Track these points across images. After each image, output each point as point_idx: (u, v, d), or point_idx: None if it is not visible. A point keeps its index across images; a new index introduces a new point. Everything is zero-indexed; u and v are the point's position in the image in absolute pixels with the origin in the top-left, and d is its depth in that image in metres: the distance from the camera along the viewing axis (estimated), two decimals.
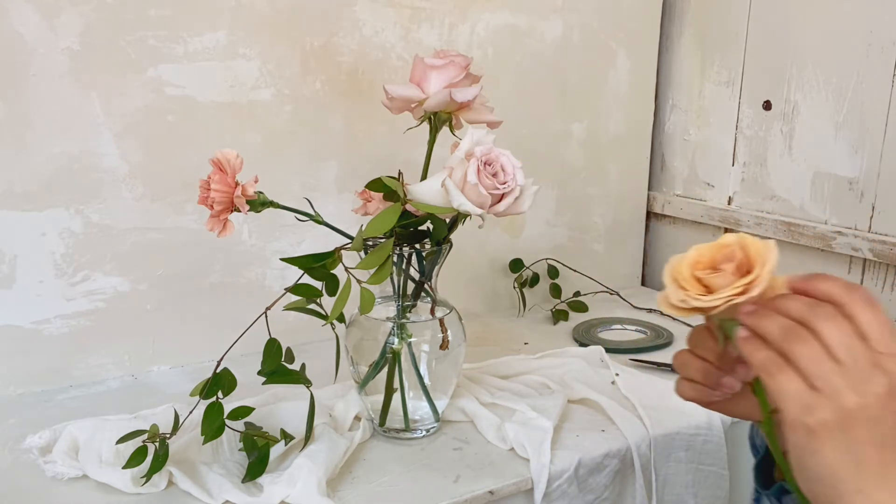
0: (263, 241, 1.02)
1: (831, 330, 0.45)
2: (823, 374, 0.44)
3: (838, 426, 0.44)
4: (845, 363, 0.45)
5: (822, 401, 0.44)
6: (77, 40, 0.86)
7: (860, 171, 1.10)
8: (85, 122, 0.89)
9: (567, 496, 0.77)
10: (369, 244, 0.72)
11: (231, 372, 0.71)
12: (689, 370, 0.54)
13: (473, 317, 1.20)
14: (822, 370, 0.45)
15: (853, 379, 0.44)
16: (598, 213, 1.33)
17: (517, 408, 0.84)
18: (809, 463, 0.46)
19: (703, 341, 0.54)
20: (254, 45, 0.96)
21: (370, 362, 0.79)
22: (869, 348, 0.45)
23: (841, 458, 0.45)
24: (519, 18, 1.16)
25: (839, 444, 0.45)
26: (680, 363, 0.55)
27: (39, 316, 0.90)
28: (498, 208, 0.70)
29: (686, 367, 0.54)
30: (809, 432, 0.45)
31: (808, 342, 0.45)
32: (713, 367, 0.53)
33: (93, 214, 0.91)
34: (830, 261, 1.15)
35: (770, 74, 1.20)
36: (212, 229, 0.69)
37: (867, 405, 0.44)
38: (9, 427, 0.83)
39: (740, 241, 0.50)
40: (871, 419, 0.44)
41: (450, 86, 0.73)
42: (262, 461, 0.72)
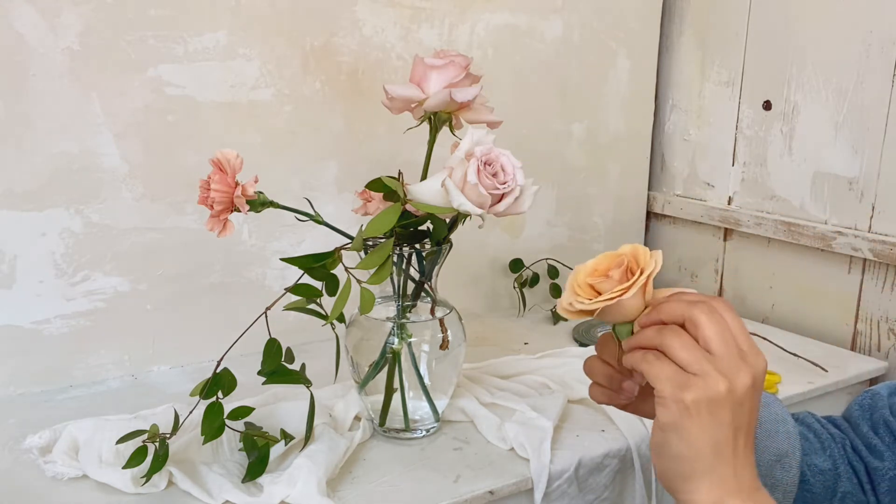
0: (263, 241, 1.02)
1: (709, 322, 0.50)
2: (696, 360, 0.49)
3: (707, 407, 0.49)
4: (717, 353, 0.50)
5: (697, 381, 0.49)
6: (77, 40, 0.86)
7: (860, 171, 1.10)
8: (85, 122, 0.89)
9: (567, 496, 0.77)
10: (369, 244, 0.72)
11: (231, 372, 0.71)
12: (597, 375, 0.59)
13: (473, 317, 1.20)
14: (694, 355, 0.50)
15: (724, 367, 0.49)
16: (598, 213, 1.33)
17: (517, 408, 0.84)
18: (674, 440, 0.50)
19: (606, 347, 0.59)
20: (254, 45, 0.96)
21: (370, 362, 0.79)
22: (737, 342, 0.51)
23: (705, 436, 0.49)
24: (519, 18, 1.16)
25: (706, 424, 0.49)
26: (588, 368, 0.60)
27: (39, 316, 0.90)
28: (498, 208, 0.70)
29: (593, 372, 0.59)
30: (683, 409, 0.49)
31: (681, 334, 0.51)
32: (615, 372, 0.58)
33: (93, 214, 0.91)
34: (830, 261, 1.15)
35: (770, 74, 1.20)
36: (212, 229, 0.69)
37: (735, 390, 0.49)
38: (9, 427, 0.83)
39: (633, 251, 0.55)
40: (735, 404, 0.49)
41: (450, 86, 0.73)
42: (262, 461, 0.72)
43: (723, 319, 0.51)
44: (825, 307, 1.17)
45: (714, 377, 0.49)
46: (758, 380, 0.51)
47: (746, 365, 0.50)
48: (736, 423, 0.50)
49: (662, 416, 0.50)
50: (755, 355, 0.51)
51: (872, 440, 0.66)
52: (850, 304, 1.14)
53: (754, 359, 0.51)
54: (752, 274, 1.27)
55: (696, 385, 0.49)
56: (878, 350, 1.11)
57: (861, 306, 1.13)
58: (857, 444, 0.68)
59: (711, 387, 0.49)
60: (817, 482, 0.65)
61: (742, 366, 0.50)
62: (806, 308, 1.20)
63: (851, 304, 1.14)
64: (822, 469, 0.66)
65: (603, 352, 0.59)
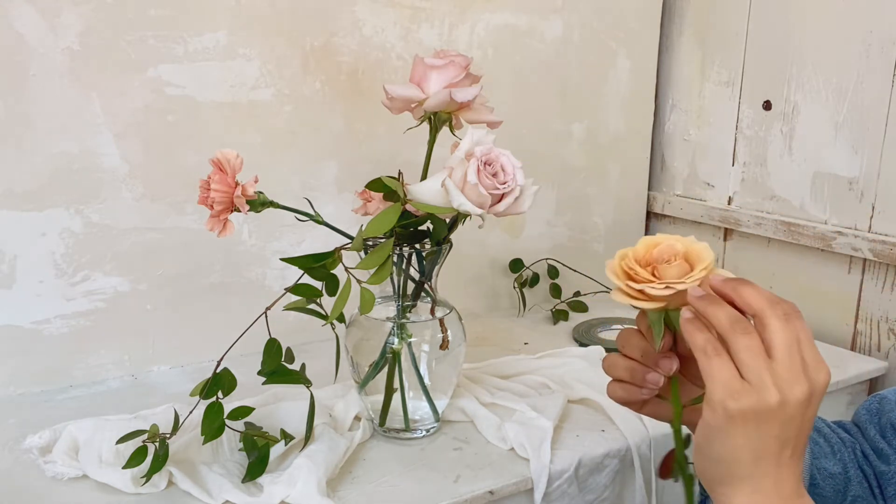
0: (263, 241, 1.02)
1: (782, 330, 0.48)
2: (756, 368, 0.48)
3: (756, 417, 0.48)
4: (780, 363, 0.48)
5: (750, 391, 0.48)
6: (77, 40, 0.86)
7: (860, 171, 1.10)
8: (85, 122, 0.89)
9: (567, 496, 0.77)
10: (369, 244, 0.72)
11: (231, 372, 0.71)
12: (618, 370, 0.58)
13: (473, 317, 1.20)
14: (755, 364, 0.48)
15: (781, 379, 0.48)
16: (598, 213, 1.33)
17: (517, 408, 0.84)
18: (716, 444, 0.49)
19: (630, 340, 0.57)
20: (254, 45, 0.96)
21: (370, 362, 0.79)
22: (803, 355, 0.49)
23: (748, 445, 0.48)
24: (519, 18, 1.16)
25: (750, 434, 0.48)
26: (608, 365, 0.58)
27: (39, 316, 0.90)
28: (498, 208, 0.70)
29: (614, 368, 0.58)
30: (729, 416, 0.48)
31: (751, 335, 0.49)
32: (639, 365, 0.57)
33: (93, 214, 0.91)
34: (830, 261, 1.15)
35: (770, 74, 1.20)
36: (212, 229, 0.69)
37: (786, 405, 0.48)
38: (9, 427, 0.83)
39: (682, 240, 0.54)
40: (785, 420, 0.48)
41: (450, 86, 0.73)
42: (262, 461, 0.72)
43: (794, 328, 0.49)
44: (825, 307, 1.17)
45: (769, 390, 0.47)
46: (816, 394, 0.49)
47: (805, 378, 0.48)
48: (784, 436, 0.48)
49: (708, 416, 0.49)
50: (817, 369, 0.49)
51: (880, 444, 0.66)
52: (850, 304, 1.14)
53: (815, 373, 0.49)
54: (752, 274, 1.27)
55: (747, 395, 0.47)
56: (878, 350, 1.11)
57: (861, 306, 1.13)
58: (865, 449, 0.67)
59: (763, 399, 0.47)
60: (827, 486, 0.65)
61: (800, 379, 0.48)
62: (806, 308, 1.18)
63: (851, 304, 1.14)
64: (833, 473, 0.65)
65: (626, 346, 0.57)
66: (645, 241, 0.55)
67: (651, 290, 0.51)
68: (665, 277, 0.52)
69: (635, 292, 0.53)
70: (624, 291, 0.53)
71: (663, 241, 0.54)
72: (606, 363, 0.58)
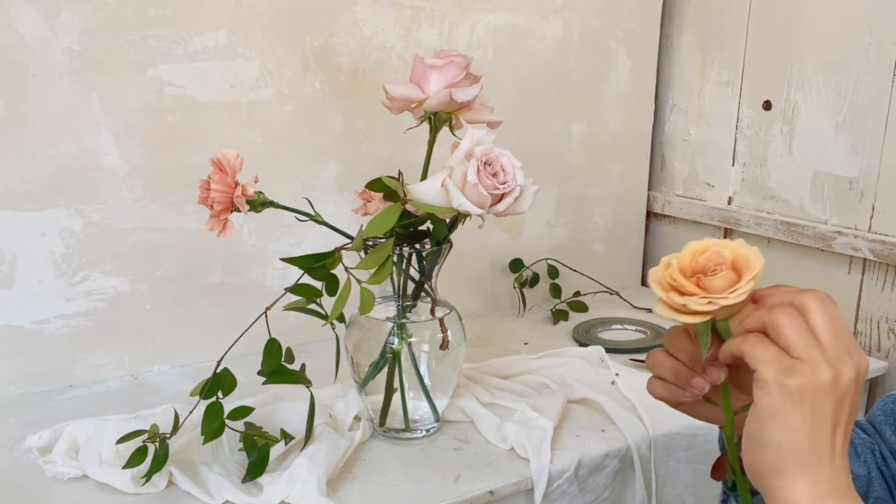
0: (263, 241, 1.02)
1: (817, 311, 0.48)
2: (805, 345, 0.47)
3: (812, 393, 0.47)
4: (825, 342, 0.47)
5: (803, 366, 0.47)
6: (77, 40, 0.86)
7: (860, 171, 1.10)
8: (85, 122, 0.89)
9: (567, 496, 0.77)
10: (369, 244, 0.72)
11: (231, 372, 0.71)
12: (662, 369, 0.56)
13: (473, 317, 1.20)
14: (803, 341, 0.47)
15: (831, 356, 0.47)
16: (598, 213, 1.33)
17: (517, 408, 0.84)
18: (771, 427, 0.47)
19: (678, 341, 0.55)
20: (254, 45, 0.96)
21: (370, 362, 0.79)
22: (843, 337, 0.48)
23: (805, 426, 0.47)
24: (519, 18, 1.16)
25: (806, 413, 0.47)
26: (653, 362, 0.56)
27: (39, 316, 0.90)
28: (498, 208, 0.70)
29: (659, 367, 0.56)
30: (787, 394, 0.47)
31: (792, 314, 0.48)
32: (685, 368, 0.55)
33: (93, 214, 0.91)
34: (830, 261, 1.15)
35: (770, 74, 1.20)
36: (212, 229, 0.69)
37: (839, 381, 0.47)
38: (9, 427, 0.83)
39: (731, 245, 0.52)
40: (838, 397, 0.47)
41: (450, 86, 0.73)
42: (262, 461, 0.72)
43: (832, 312, 0.48)
44: None
45: (822, 365, 0.46)
46: (861, 376, 0.48)
47: (851, 358, 0.48)
48: (836, 418, 0.47)
49: (762, 400, 0.47)
50: (858, 352, 0.48)
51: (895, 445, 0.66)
52: (850, 304, 1.14)
53: (858, 355, 0.48)
54: None
55: (802, 370, 0.46)
56: (878, 350, 1.11)
57: (861, 306, 1.13)
58: (882, 450, 0.67)
59: (819, 374, 0.46)
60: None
61: (847, 359, 0.47)
62: None
63: (851, 305, 1.14)
64: (858, 475, 0.64)
65: (673, 346, 0.55)
66: (691, 247, 0.52)
67: (694, 304, 0.49)
68: (710, 289, 0.50)
69: (679, 305, 0.50)
70: (667, 304, 0.51)
71: (710, 247, 0.51)
72: (651, 360, 0.57)
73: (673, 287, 0.51)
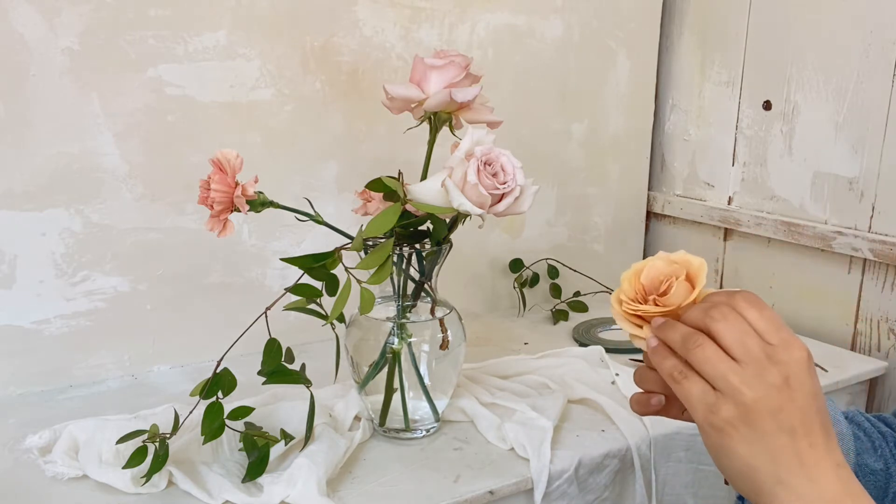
0: (263, 241, 1.02)
1: (726, 330, 0.48)
2: (720, 375, 0.48)
3: (742, 421, 0.47)
4: (741, 360, 0.48)
5: (723, 399, 0.47)
6: (77, 40, 0.86)
7: (860, 171, 1.10)
8: (85, 122, 0.89)
9: (567, 496, 0.77)
10: (369, 244, 0.72)
11: (231, 372, 0.71)
12: (647, 383, 0.56)
13: (473, 317, 1.20)
14: (718, 370, 0.48)
15: (748, 375, 0.47)
16: (598, 213, 1.33)
17: (517, 408, 0.84)
18: (725, 461, 0.48)
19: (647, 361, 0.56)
20: (254, 45, 0.96)
21: (370, 362, 0.79)
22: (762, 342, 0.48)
23: (753, 451, 0.47)
24: (519, 18, 1.16)
25: (747, 438, 0.47)
26: (639, 377, 0.57)
27: (39, 316, 0.90)
28: (498, 208, 0.70)
29: (644, 381, 0.57)
30: (718, 431, 0.48)
31: (705, 346, 0.48)
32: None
33: (93, 214, 0.91)
34: (830, 261, 1.15)
35: (770, 74, 1.20)
36: (212, 229, 0.69)
37: (764, 397, 0.47)
38: (9, 427, 0.83)
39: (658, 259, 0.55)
40: (771, 410, 0.47)
41: (450, 86, 0.73)
42: (262, 461, 0.72)
43: (741, 320, 0.48)
44: (825, 307, 1.17)
45: (739, 390, 0.47)
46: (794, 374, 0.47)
47: (773, 364, 0.47)
48: (785, 426, 0.47)
49: (704, 440, 0.49)
50: (786, 348, 0.48)
51: None
52: (850, 304, 1.14)
53: (785, 353, 0.48)
54: (752, 274, 1.27)
55: (721, 403, 0.47)
56: (878, 350, 1.11)
57: (861, 306, 1.13)
58: None
59: (739, 401, 0.47)
60: (869, 483, 0.63)
61: (768, 367, 0.47)
62: (806, 308, 1.19)
63: (851, 305, 1.14)
64: (874, 469, 0.64)
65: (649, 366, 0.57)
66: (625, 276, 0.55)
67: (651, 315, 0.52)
68: (671, 304, 0.52)
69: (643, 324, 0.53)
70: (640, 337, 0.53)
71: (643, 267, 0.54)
72: (637, 376, 0.57)
73: (636, 316, 0.53)
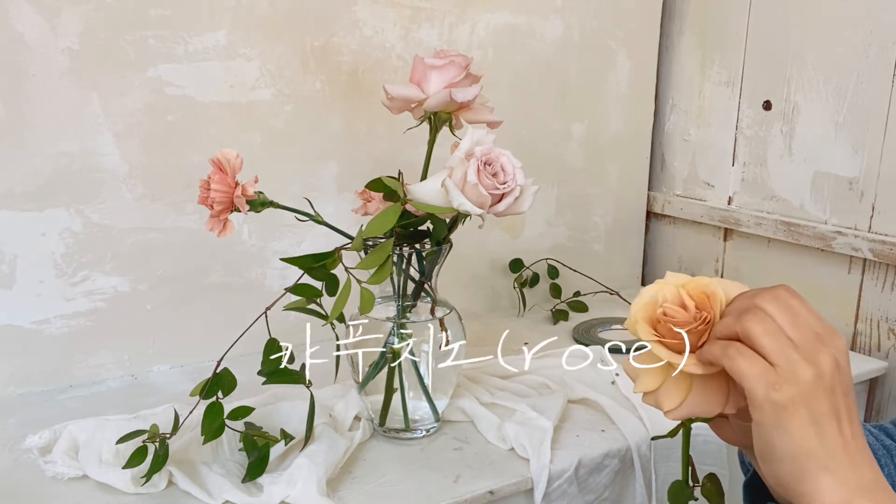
0: (263, 241, 1.02)
1: (777, 311, 0.47)
2: (781, 349, 0.46)
3: (802, 399, 0.46)
4: (795, 339, 0.47)
5: (785, 376, 0.46)
6: (77, 40, 0.86)
7: (860, 171, 1.10)
8: (85, 122, 0.89)
9: (567, 496, 0.77)
10: (369, 244, 0.72)
11: (231, 372, 0.71)
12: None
13: (473, 317, 1.20)
14: (779, 344, 0.47)
15: (806, 352, 0.46)
16: (598, 213, 1.33)
17: (517, 408, 0.84)
18: (778, 441, 0.47)
19: None
20: (254, 45, 0.96)
21: (370, 362, 0.79)
22: (813, 325, 0.48)
23: (807, 431, 0.46)
24: (519, 18, 1.16)
25: (805, 417, 0.46)
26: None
27: (39, 316, 0.90)
28: (498, 208, 0.70)
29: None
30: (779, 408, 0.46)
31: (764, 319, 0.47)
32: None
33: (93, 214, 0.91)
34: (830, 261, 1.15)
35: (770, 74, 1.20)
36: (212, 229, 0.69)
37: (822, 376, 0.46)
38: (9, 427, 0.83)
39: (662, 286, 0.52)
40: (826, 390, 0.47)
41: (450, 86, 0.73)
42: (262, 461, 0.72)
43: (790, 305, 0.48)
44: (825, 307, 1.17)
45: (800, 365, 0.46)
46: (841, 361, 0.47)
47: (826, 346, 0.47)
48: (834, 409, 0.47)
49: (759, 418, 0.47)
50: (831, 335, 0.48)
51: None
52: (850, 304, 1.14)
53: (831, 339, 0.48)
54: (752, 274, 1.27)
55: (784, 380, 0.46)
56: (878, 350, 1.11)
57: (861, 306, 1.13)
58: None
59: (801, 378, 0.46)
60: None
61: (821, 347, 0.47)
62: None
63: (851, 304, 1.14)
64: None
65: None
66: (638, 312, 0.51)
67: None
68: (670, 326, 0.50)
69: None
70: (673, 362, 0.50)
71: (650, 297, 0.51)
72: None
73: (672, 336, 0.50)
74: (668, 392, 0.51)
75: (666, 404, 0.51)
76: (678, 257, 1.39)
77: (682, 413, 0.51)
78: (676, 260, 1.39)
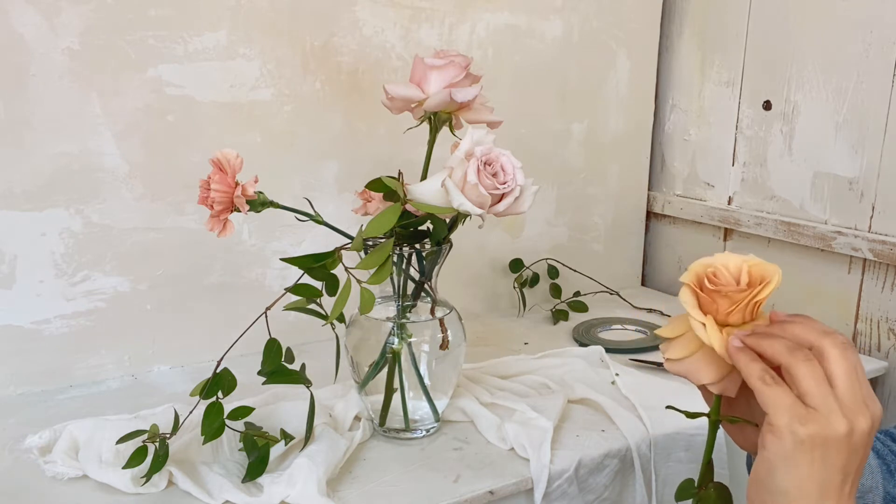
0: (263, 241, 1.02)
1: (837, 360, 0.47)
2: (822, 395, 0.46)
3: (823, 444, 0.46)
4: (841, 392, 0.47)
5: (816, 416, 0.46)
6: (77, 40, 0.86)
7: (860, 171, 1.10)
8: (85, 122, 0.89)
9: (567, 496, 0.77)
10: (369, 244, 0.72)
11: (231, 372, 0.71)
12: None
13: (473, 317, 1.20)
14: (820, 390, 0.46)
15: (846, 408, 0.46)
16: (598, 213, 1.33)
17: (517, 408, 0.84)
18: (780, 474, 0.47)
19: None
20: (254, 45, 0.96)
21: (370, 362, 0.79)
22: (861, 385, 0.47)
23: (814, 474, 0.46)
24: (519, 18, 1.16)
25: (818, 461, 0.46)
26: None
27: (39, 316, 0.90)
28: (498, 208, 0.70)
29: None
30: (798, 441, 0.46)
31: (813, 363, 0.47)
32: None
33: (93, 214, 0.91)
34: (830, 261, 1.15)
35: (770, 74, 1.20)
36: (212, 229, 0.69)
37: (853, 434, 0.46)
38: (9, 427, 0.83)
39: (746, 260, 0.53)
40: (851, 449, 0.47)
41: (450, 86, 0.73)
42: (262, 461, 0.72)
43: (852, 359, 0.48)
44: (825, 307, 1.17)
45: (837, 415, 0.46)
46: (875, 427, 0.48)
47: (868, 409, 0.47)
48: (847, 469, 0.47)
49: (773, 445, 0.47)
50: (874, 401, 0.48)
51: None
52: (850, 304, 1.14)
53: (874, 404, 0.48)
54: None
55: (816, 420, 0.46)
56: (878, 350, 1.11)
57: (861, 306, 1.13)
58: None
59: (832, 426, 0.46)
60: None
61: (863, 409, 0.47)
62: (806, 308, 1.19)
63: (851, 304, 1.14)
64: (895, 496, 0.64)
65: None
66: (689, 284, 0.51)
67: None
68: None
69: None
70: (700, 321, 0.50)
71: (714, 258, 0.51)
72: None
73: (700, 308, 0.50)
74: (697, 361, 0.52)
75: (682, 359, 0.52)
76: (678, 257, 1.39)
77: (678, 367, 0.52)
78: (676, 260, 1.39)
